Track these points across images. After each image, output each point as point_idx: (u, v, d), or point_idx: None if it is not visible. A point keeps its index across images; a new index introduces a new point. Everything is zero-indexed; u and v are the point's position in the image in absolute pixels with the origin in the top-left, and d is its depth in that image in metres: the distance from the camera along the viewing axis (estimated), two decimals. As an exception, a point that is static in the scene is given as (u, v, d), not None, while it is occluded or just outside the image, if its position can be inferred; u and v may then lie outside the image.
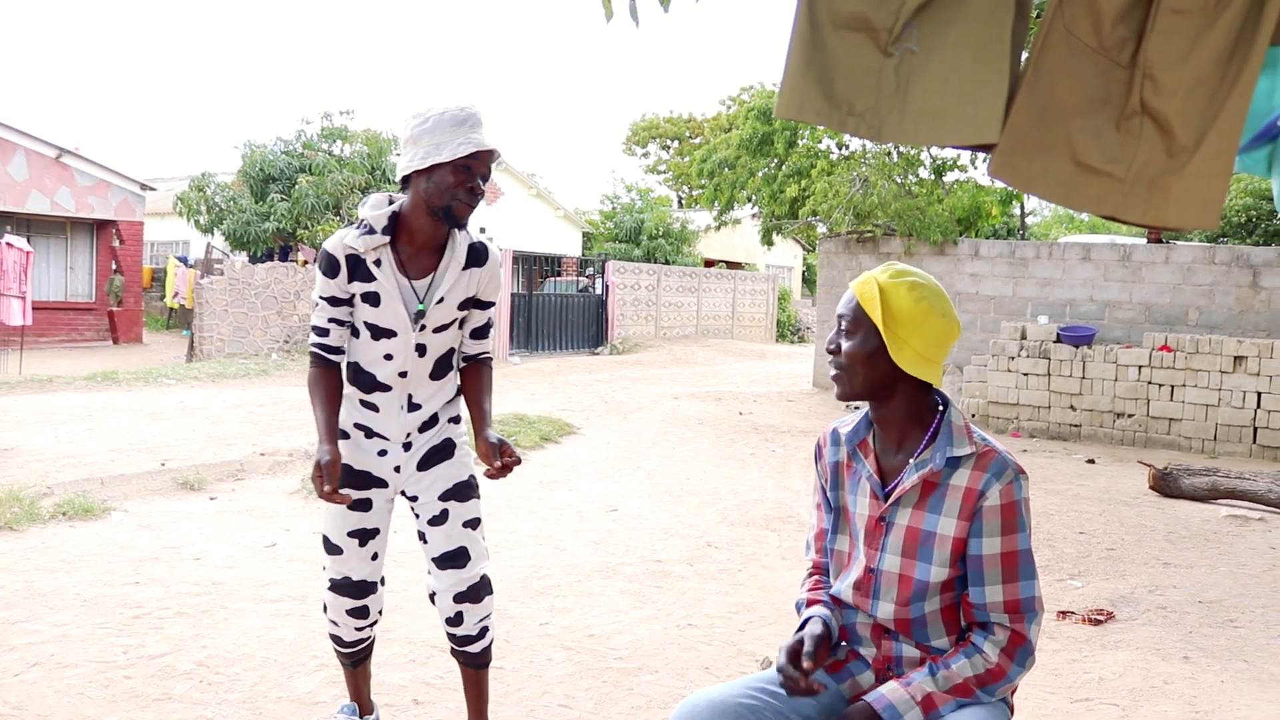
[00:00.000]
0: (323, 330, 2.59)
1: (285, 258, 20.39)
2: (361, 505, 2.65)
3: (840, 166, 14.36)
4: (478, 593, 2.67)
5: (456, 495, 2.66)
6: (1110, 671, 3.75)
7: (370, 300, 2.56)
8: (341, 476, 2.62)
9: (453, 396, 2.74)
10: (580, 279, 23.16)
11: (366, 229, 2.52)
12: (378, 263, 2.53)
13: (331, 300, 2.57)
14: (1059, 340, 10.73)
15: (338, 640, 2.78)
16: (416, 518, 2.69)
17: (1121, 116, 1.59)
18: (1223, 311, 11.28)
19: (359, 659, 2.85)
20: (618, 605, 4.31)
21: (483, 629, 2.70)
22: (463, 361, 2.77)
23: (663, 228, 27.94)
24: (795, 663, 1.80)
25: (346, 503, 2.52)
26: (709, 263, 30.54)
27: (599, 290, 21.37)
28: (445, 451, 2.69)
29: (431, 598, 2.70)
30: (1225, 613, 4.53)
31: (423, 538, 2.68)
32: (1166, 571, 5.21)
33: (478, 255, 2.64)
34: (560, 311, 20.01)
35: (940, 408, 1.89)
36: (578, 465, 7.74)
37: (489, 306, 2.73)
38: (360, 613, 2.72)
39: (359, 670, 2.89)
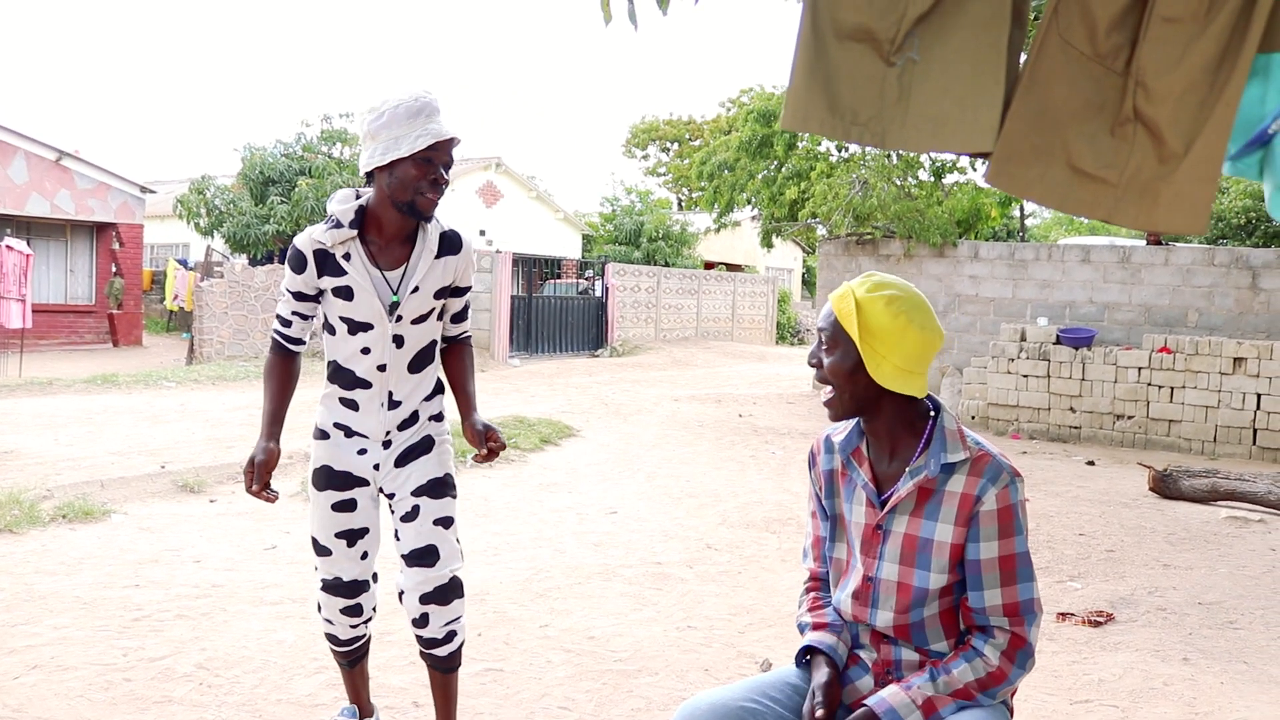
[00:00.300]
0: (285, 321, 2.64)
1: (284, 260, 20.40)
2: (347, 506, 2.65)
3: (840, 169, 14.37)
4: (445, 594, 2.62)
5: (430, 492, 2.64)
6: (1110, 673, 3.75)
7: (343, 294, 2.55)
8: (323, 477, 2.66)
9: (433, 393, 2.73)
10: (580, 281, 23.17)
11: (334, 223, 2.53)
12: (347, 256, 2.53)
13: (297, 295, 2.60)
14: (1059, 342, 10.73)
15: (334, 639, 2.78)
16: (392, 514, 2.68)
17: (1115, 123, 1.60)
18: (1222, 313, 11.29)
19: (356, 658, 2.84)
20: (618, 607, 4.32)
21: (450, 633, 2.66)
22: (443, 343, 2.78)
23: (662, 230, 27.96)
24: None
25: (272, 501, 2.55)
26: (709, 265, 30.57)
27: (599, 292, 21.38)
28: (423, 448, 2.68)
29: (400, 596, 2.67)
30: (1225, 614, 4.53)
31: (396, 535, 2.66)
32: (1166, 573, 5.22)
33: (451, 243, 2.63)
34: (560, 314, 20.03)
35: (932, 413, 1.88)
36: (577, 468, 7.75)
37: (465, 292, 2.73)
38: (354, 611, 2.71)
39: (356, 671, 2.88)
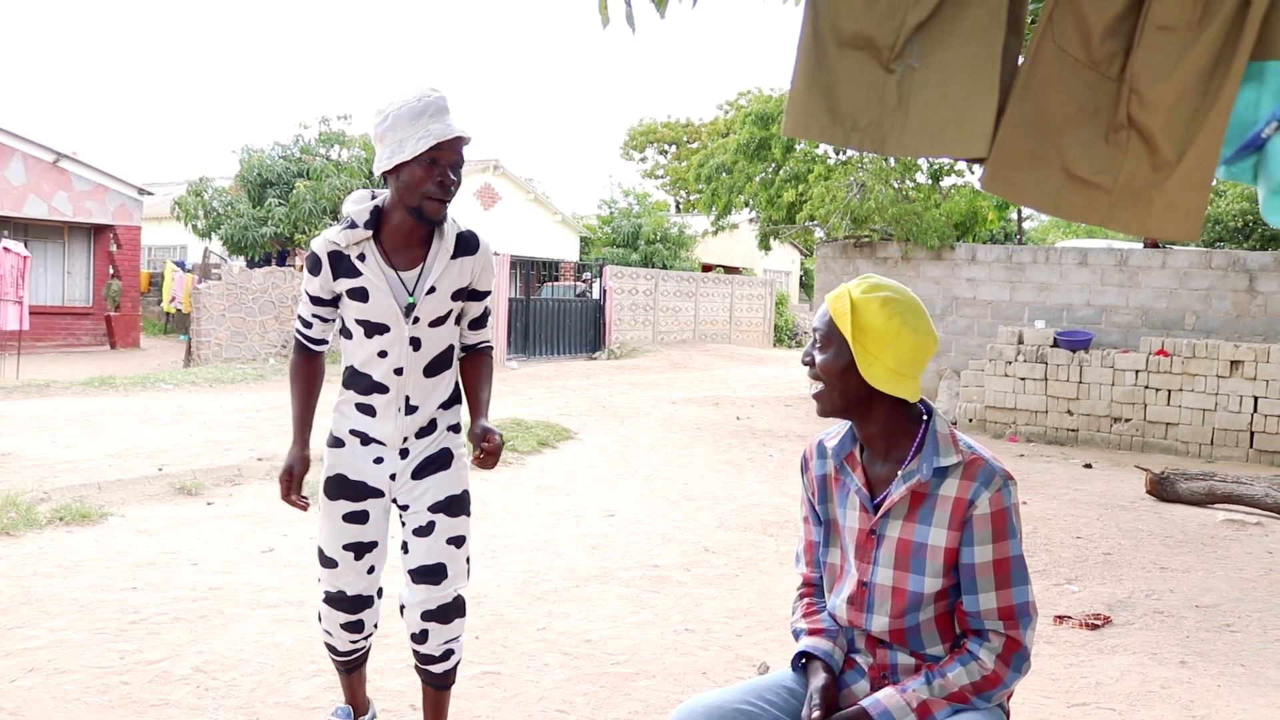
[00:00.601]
0: (306, 322, 2.63)
1: (283, 262, 20.41)
2: (358, 518, 2.60)
3: (837, 171, 14.38)
4: (447, 613, 2.61)
5: (446, 509, 2.61)
6: (1107, 676, 3.75)
7: (358, 296, 2.52)
8: (336, 486, 2.60)
9: (450, 400, 2.68)
10: (578, 284, 23.18)
11: (349, 224, 2.51)
12: (361, 257, 2.50)
13: (315, 299, 2.59)
14: (1056, 345, 10.74)
15: (332, 649, 2.76)
16: (403, 526, 2.65)
17: (1110, 129, 1.61)
18: (1219, 316, 11.31)
19: (353, 666, 2.84)
20: (615, 610, 4.32)
21: (447, 651, 2.65)
22: (462, 352, 2.75)
23: (660, 232, 27.98)
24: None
25: (304, 509, 2.55)
26: (706, 267, 30.58)
27: (597, 295, 21.39)
28: (441, 462, 2.64)
29: (401, 609, 2.65)
30: (1222, 617, 4.54)
31: (405, 548, 2.63)
32: (1163, 576, 5.22)
33: (468, 244, 2.59)
34: (558, 316, 20.03)
35: (925, 416, 1.89)
36: (575, 470, 7.75)
37: (484, 296, 2.69)
38: (355, 627, 2.68)
39: (354, 675, 2.87)
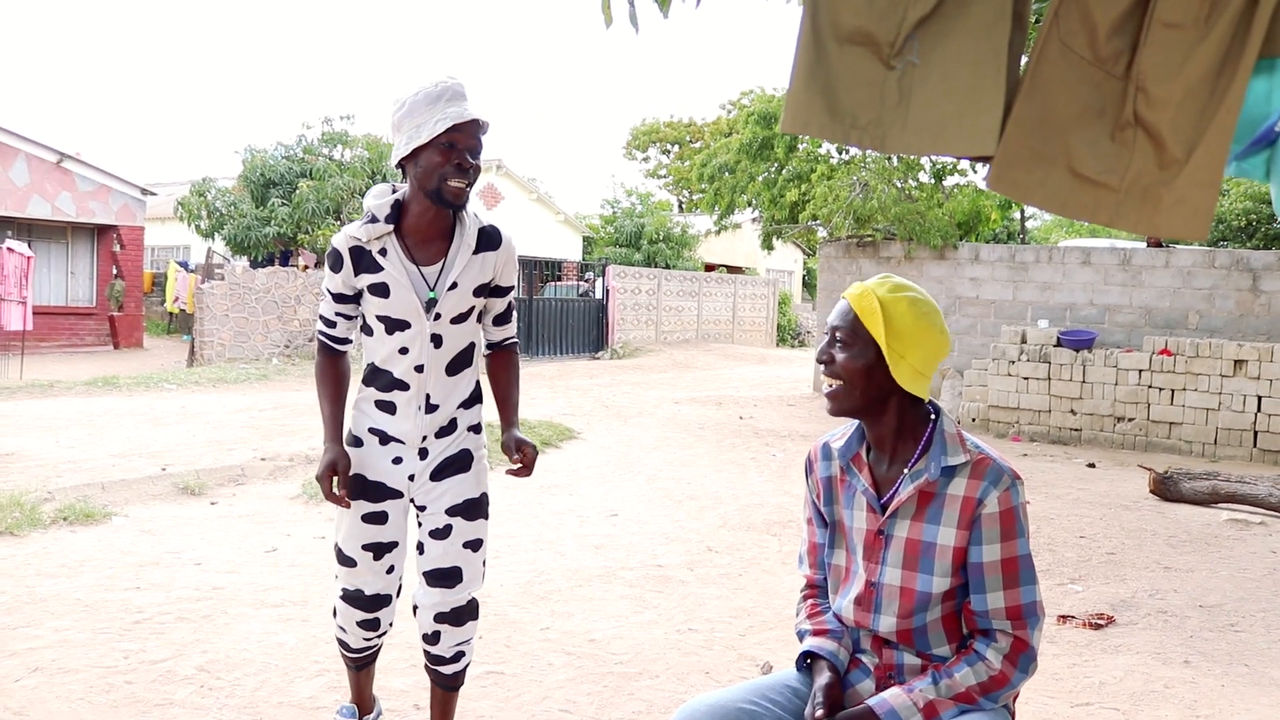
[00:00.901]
0: (330, 321, 2.61)
1: (286, 262, 20.42)
2: (377, 518, 2.58)
3: (840, 171, 14.38)
4: (460, 616, 2.61)
5: (464, 513, 2.59)
6: (1111, 676, 3.75)
7: (379, 291, 2.49)
8: (355, 486, 2.58)
9: (470, 399, 2.65)
10: (581, 283, 23.18)
11: (369, 218, 2.49)
12: (383, 251, 2.48)
13: (337, 295, 2.56)
14: (1059, 344, 10.73)
15: (344, 645, 2.75)
16: (419, 526, 2.63)
17: (1116, 127, 1.60)
18: (1223, 315, 11.29)
19: (364, 664, 2.83)
20: (618, 610, 4.32)
21: (458, 653, 2.65)
22: (487, 349, 2.74)
23: (663, 232, 27.97)
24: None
25: (348, 506, 2.53)
26: (709, 267, 30.57)
27: (599, 295, 21.39)
28: (461, 464, 2.61)
29: (414, 610, 2.64)
30: (1226, 617, 4.53)
31: (421, 548, 2.61)
32: (1167, 576, 5.21)
33: (490, 239, 2.57)
34: (561, 316, 20.04)
35: (932, 416, 1.89)
36: (578, 470, 7.75)
37: (507, 292, 2.67)
38: (371, 625, 2.67)
39: (363, 672, 2.86)
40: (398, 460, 2.59)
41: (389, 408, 2.57)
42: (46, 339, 18.19)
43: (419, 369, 2.54)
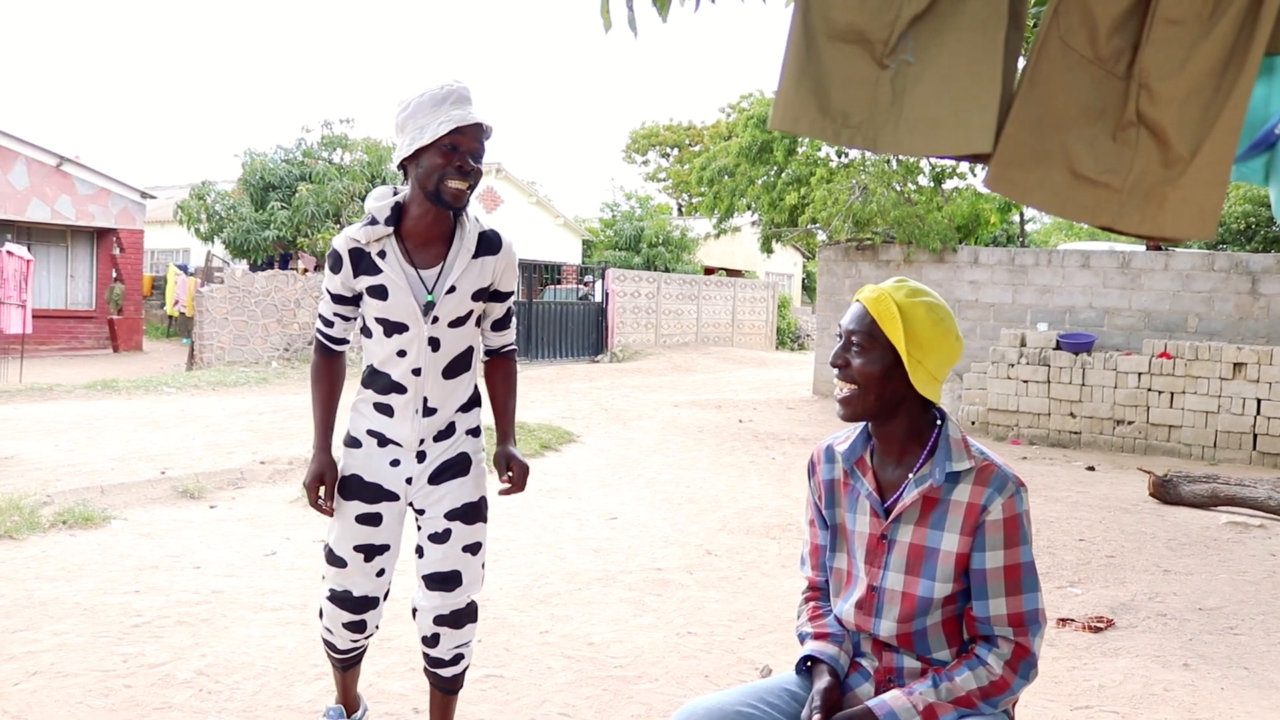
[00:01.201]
0: (328, 321, 2.62)
1: (285, 266, 20.41)
2: (371, 519, 2.58)
3: (839, 174, 14.39)
4: (460, 619, 2.62)
5: (463, 516, 2.59)
6: (1110, 679, 3.74)
7: (378, 294, 2.50)
8: (351, 487, 2.59)
9: (469, 403, 2.66)
10: (580, 286, 23.19)
11: (369, 220, 2.50)
12: (382, 254, 2.48)
13: (336, 297, 2.57)
14: (1059, 347, 10.73)
15: (330, 645, 2.75)
16: (418, 530, 2.63)
17: (1118, 127, 1.58)
18: (1222, 318, 11.29)
19: (350, 664, 2.83)
20: (618, 613, 4.31)
21: (457, 655, 2.65)
22: (485, 356, 2.74)
23: (663, 235, 27.98)
24: None
25: (331, 515, 2.56)
26: (709, 270, 30.57)
27: (599, 298, 21.39)
28: (460, 468, 2.61)
29: (414, 613, 2.65)
30: (1225, 620, 4.52)
31: (420, 552, 2.62)
32: (1166, 579, 5.21)
33: (490, 243, 2.57)
34: (560, 319, 20.04)
35: (938, 422, 1.89)
36: (578, 473, 7.74)
37: (507, 297, 2.67)
38: (357, 627, 2.67)
39: (349, 673, 2.87)
40: (395, 463, 2.59)
41: (387, 410, 2.58)
42: (46, 342, 18.18)
43: (416, 372, 2.54)
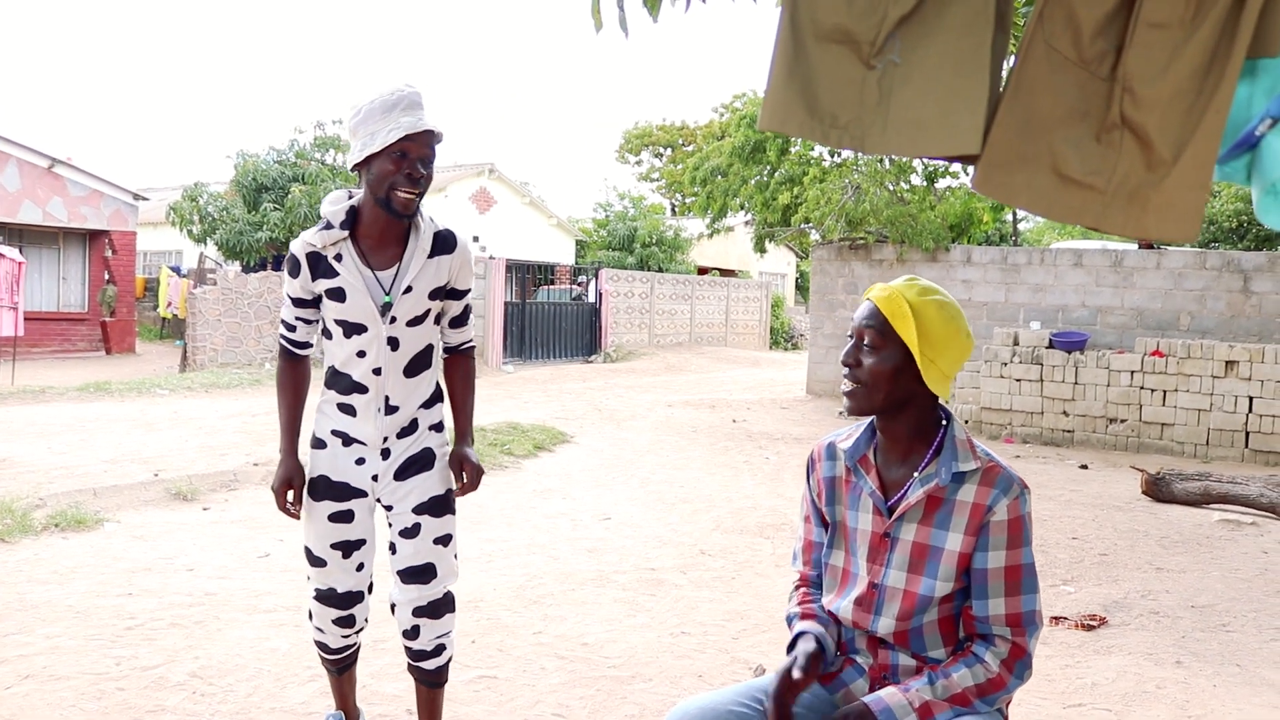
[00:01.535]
0: (290, 325, 2.65)
1: (278, 267, 20.35)
2: (344, 517, 2.63)
3: (832, 174, 14.40)
4: (438, 609, 2.65)
5: (431, 510, 2.63)
6: (1103, 676, 3.76)
7: (336, 296, 2.54)
8: (320, 488, 2.63)
9: (431, 399, 2.70)
10: (574, 287, 23.18)
11: (325, 224, 2.53)
12: (338, 257, 2.52)
13: (296, 301, 2.60)
14: (1051, 346, 10.75)
15: (323, 647, 2.77)
16: (389, 526, 2.67)
17: (1102, 129, 1.60)
18: (1214, 316, 11.33)
19: (344, 666, 2.84)
20: (611, 614, 4.32)
21: (439, 646, 2.68)
22: (445, 353, 2.77)
23: (656, 235, 27.99)
24: (782, 689, 1.80)
25: (298, 518, 2.59)
26: (702, 270, 30.57)
27: (592, 298, 21.39)
28: (424, 462, 2.66)
29: (392, 608, 2.68)
30: (1217, 617, 4.54)
31: (393, 548, 2.65)
32: (1159, 576, 5.23)
33: (445, 243, 2.60)
34: (554, 320, 20.03)
35: (944, 422, 1.90)
36: (571, 473, 7.74)
37: (464, 295, 2.70)
38: (347, 622, 2.70)
39: (345, 677, 2.88)
40: (360, 461, 2.63)
41: (350, 410, 2.62)
42: (38, 345, 18.12)
43: (377, 372, 2.58)
